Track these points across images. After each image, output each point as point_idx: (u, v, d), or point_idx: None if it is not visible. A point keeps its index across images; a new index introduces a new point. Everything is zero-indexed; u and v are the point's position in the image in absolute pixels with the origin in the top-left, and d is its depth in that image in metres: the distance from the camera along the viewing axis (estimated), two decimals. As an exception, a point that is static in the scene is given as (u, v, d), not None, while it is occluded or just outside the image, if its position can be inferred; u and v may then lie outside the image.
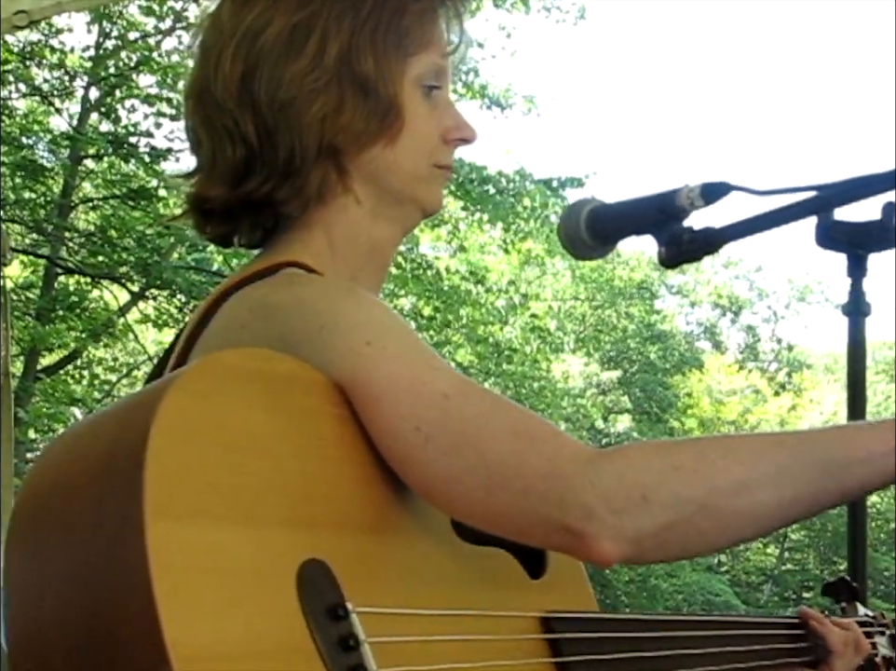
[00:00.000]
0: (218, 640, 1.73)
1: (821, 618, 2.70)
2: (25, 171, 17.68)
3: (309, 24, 2.31)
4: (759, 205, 2.37)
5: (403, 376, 2.12)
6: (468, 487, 2.08)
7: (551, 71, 50.51)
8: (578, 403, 33.03)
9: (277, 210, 2.38)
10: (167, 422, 1.80)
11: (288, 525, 1.96)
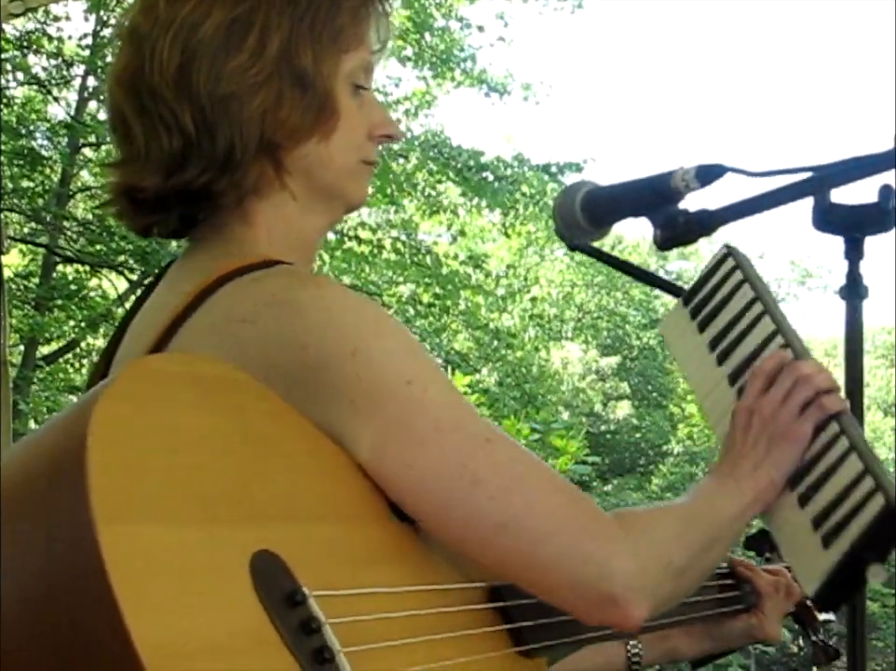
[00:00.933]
0: (184, 638, 1.75)
1: (749, 564, 2.76)
2: (23, 159, 17.74)
3: (248, 19, 2.32)
4: (755, 187, 2.37)
5: (446, 420, 2.17)
6: (512, 537, 2.14)
7: (549, 58, 50.70)
8: (578, 388, 33.17)
9: (211, 201, 2.37)
10: (102, 430, 1.81)
11: (233, 520, 1.99)
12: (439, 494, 2.14)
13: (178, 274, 2.43)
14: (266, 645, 1.89)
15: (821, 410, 2.38)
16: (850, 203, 2.33)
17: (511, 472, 2.16)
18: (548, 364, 30.18)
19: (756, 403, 2.42)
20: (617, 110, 47.03)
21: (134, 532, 1.77)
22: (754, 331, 2.53)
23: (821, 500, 2.36)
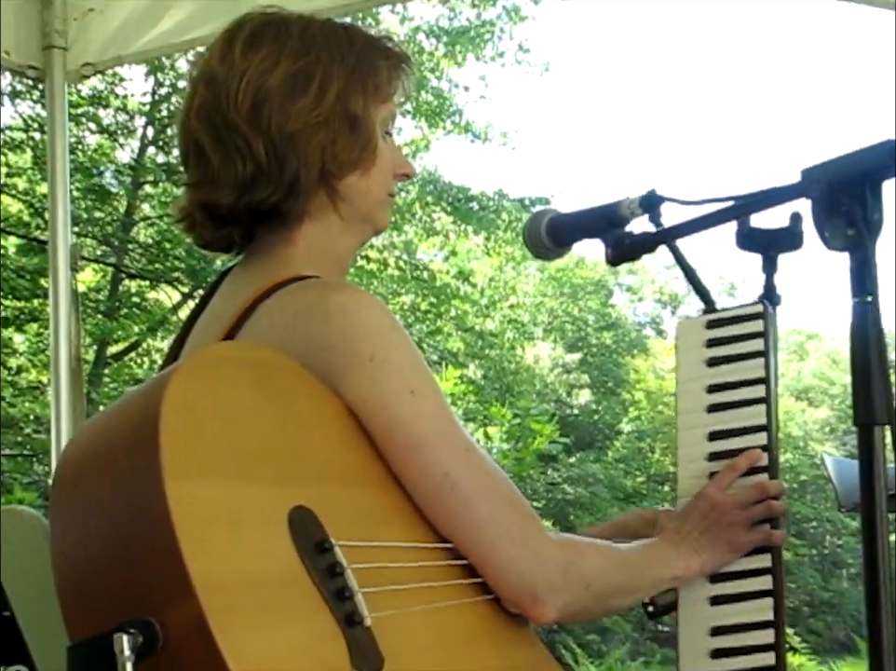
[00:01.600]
0: (230, 573, 1.81)
1: None
2: (95, 195, 17.77)
3: (309, 70, 2.38)
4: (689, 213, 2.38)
5: (437, 431, 2.25)
6: (476, 538, 2.25)
7: (523, 111, 50.76)
8: (547, 380, 33.25)
9: (278, 218, 2.42)
10: (173, 402, 1.88)
11: (278, 480, 2.05)
12: (424, 489, 2.26)
13: (233, 286, 2.48)
14: (298, 583, 1.95)
15: (766, 537, 2.47)
16: (766, 227, 2.33)
17: (483, 482, 2.27)
18: (522, 360, 30.30)
19: (720, 498, 2.47)
20: (577, 153, 46.95)
21: (195, 486, 1.84)
22: (751, 409, 2.54)
23: (729, 616, 2.47)
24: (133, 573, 1.79)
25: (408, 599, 2.14)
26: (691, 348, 2.56)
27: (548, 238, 2.50)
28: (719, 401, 2.55)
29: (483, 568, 2.26)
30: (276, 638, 1.83)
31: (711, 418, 2.54)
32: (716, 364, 2.54)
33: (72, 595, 1.85)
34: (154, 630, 1.71)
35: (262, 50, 2.37)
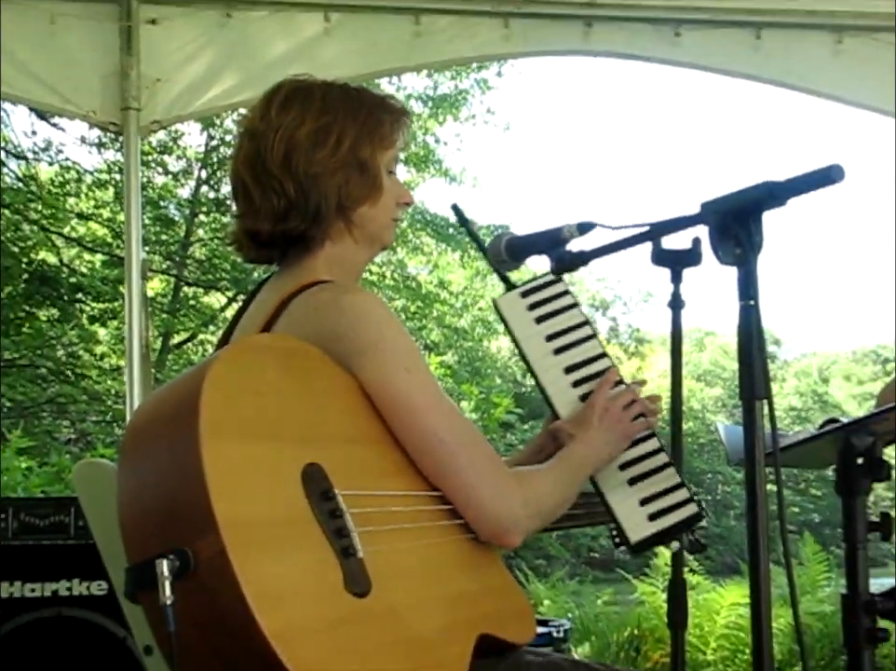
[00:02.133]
0: (250, 513, 1.88)
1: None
2: (161, 222, 17.88)
3: (328, 127, 2.41)
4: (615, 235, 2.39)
5: (428, 399, 2.29)
6: (460, 483, 2.28)
7: (489, 160, 51.35)
8: (506, 365, 33.31)
9: (304, 243, 2.44)
10: (213, 380, 1.94)
11: (294, 441, 2.09)
12: (418, 445, 2.28)
13: (269, 292, 2.47)
14: (305, 524, 1.99)
15: (645, 425, 2.56)
16: (674, 248, 2.35)
17: (464, 439, 2.30)
18: (488, 350, 30.47)
19: (608, 404, 2.52)
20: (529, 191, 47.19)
21: (225, 446, 1.89)
22: (587, 344, 2.63)
23: (649, 488, 2.52)
24: (173, 513, 1.86)
25: (397, 537, 2.16)
26: (518, 314, 2.58)
27: (506, 253, 2.55)
28: (560, 344, 2.59)
29: (465, 508, 2.27)
30: (283, 566, 1.88)
31: (560, 358, 2.59)
32: (543, 321, 2.59)
33: (128, 529, 1.93)
34: (187, 557, 1.79)
35: (292, 111, 2.40)
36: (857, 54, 5.34)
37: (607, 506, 2.54)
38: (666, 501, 2.54)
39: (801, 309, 59.86)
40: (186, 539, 1.81)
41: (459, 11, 5.24)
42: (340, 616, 1.96)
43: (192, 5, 5.03)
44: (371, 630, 2.01)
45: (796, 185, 2.05)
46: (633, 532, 2.52)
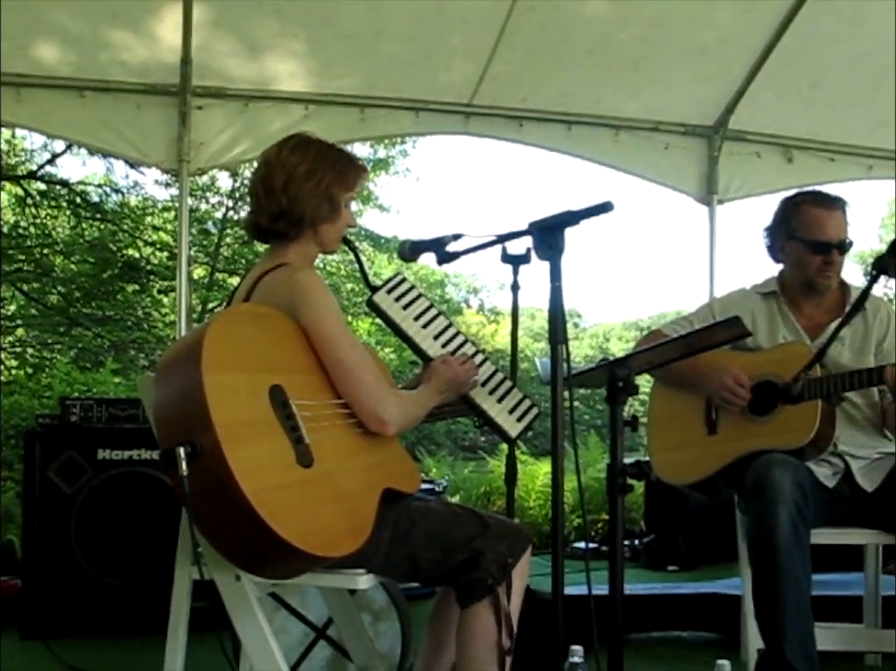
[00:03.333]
0: (235, 418, 1.89)
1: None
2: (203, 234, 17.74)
3: (315, 169, 2.34)
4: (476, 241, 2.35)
5: (339, 337, 2.22)
6: (354, 391, 2.21)
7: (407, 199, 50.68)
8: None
9: (286, 237, 2.38)
10: (210, 334, 1.94)
11: (264, 371, 2.07)
12: (331, 368, 2.22)
13: (257, 269, 2.37)
14: (271, 423, 2.00)
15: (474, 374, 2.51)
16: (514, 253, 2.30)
17: (359, 362, 2.22)
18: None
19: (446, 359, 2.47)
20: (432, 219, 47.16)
21: (217, 375, 1.90)
22: (439, 319, 2.56)
23: (510, 402, 2.53)
24: (186, 418, 1.88)
25: (330, 429, 2.14)
26: (391, 305, 2.50)
27: (409, 252, 2.49)
28: (425, 321, 2.53)
29: (358, 409, 2.21)
30: (256, 450, 1.91)
31: (429, 330, 2.53)
32: (408, 307, 2.52)
33: (159, 426, 1.97)
34: (195, 446, 1.84)
35: (296, 154, 2.36)
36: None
37: (489, 417, 2.51)
38: (522, 408, 2.53)
39: (594, 293, 60.27)
40: (194, 434, 1.84)
41: (388, 106, 5.29)
42: (293, 480, 1.98)
43: (223, 98, 5.07)
44: (314, 488, 2.01)
45: (584, 213, 2.06)
46: (512, 430, 2.52)
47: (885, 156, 5.99)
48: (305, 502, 1.96)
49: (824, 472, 2.99)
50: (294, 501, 1.93)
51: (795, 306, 3.22)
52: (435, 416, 2.81)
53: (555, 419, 2.04)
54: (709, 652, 2.82)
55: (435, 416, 2.81)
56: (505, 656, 2.25)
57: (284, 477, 1.95)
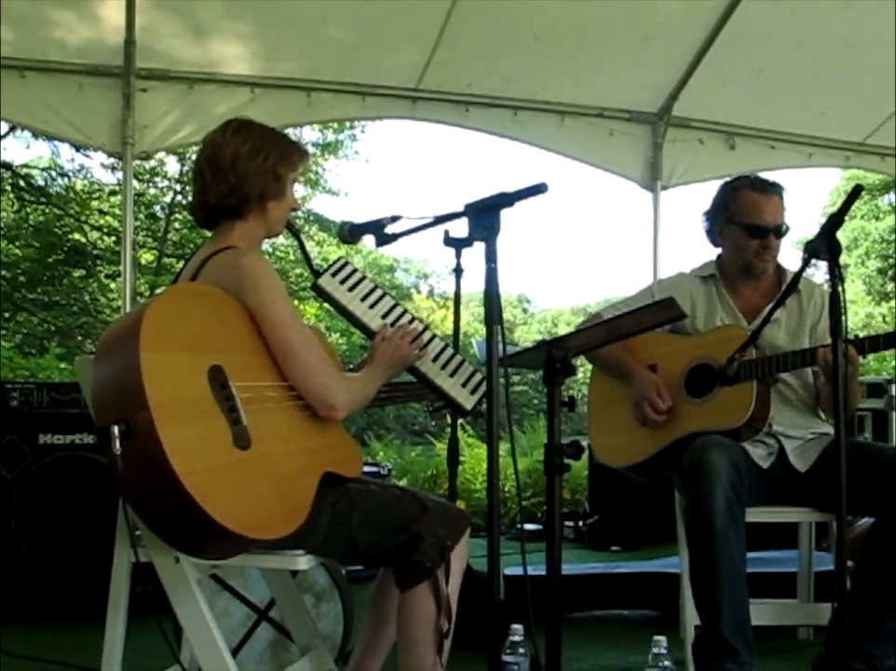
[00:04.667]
0: (171, 396, 1.87)
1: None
2: (152, 218, 17.56)
3: (260, 147, 2.31)
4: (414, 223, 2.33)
5: (286, 320, 2.19)
6: (302, 375, 2.19)
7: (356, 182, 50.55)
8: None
9: (236, 215, 2.35)
10: (149, 313, 1.92)
11: (204, 351, 2.04)
12: (278, 351, 2.20)
13: (203, 250, 2.34)
14: (208, 404, 1.98)
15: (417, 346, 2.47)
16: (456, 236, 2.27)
17: (306, 348, 2.20)
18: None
19: (385, 336, 2.44)
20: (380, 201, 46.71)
21: (155, 354, 1.88)
22: (384, 299, 2.53)
23: (462, 375, 2.48)
24: (121, 396, 1.85)
25: (270, 411, 2.13)
26: (336, 288, 2.46)
27: (348, 234, 2.45)
28: (371, 301, 2.50)
29: (305, 392, 2.20)
30: (190, 431, 1.88)
31: (376, 310, 2.49)
32: (353, 289, 2.48)
33: (95, 404, 1.93)
34: (130, 425, 1.81)
35: (240, 135, 2.34)
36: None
37: (443, 392, 2.49)
38: (474, 382, 2.50)
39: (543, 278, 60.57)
40: (128, 412, 1.82)
41: (334, 90, 5.26)
42: (229, 462, 1.95)
43: (167, 80, 5.01)
44: (250, 470, 2.00)
45: (519, 195, 2.05)
46: (466, 402, 2.48)
47: (824, 144, 6.10)
48: (239, 484, 1.94)
49: (759, 453, 3.03)
50: (228, 483, 1.91)
51: (733, 289, 3.26)
52: (392, 399, 2.82)
53: (490, 400, 2.04)
54: (648, 630, 2.83)
55: (392, 399, 2.82)
56: (443, 638, 2.25)
57: (219, 458, 1.93)
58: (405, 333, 2.46)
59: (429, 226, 2.24)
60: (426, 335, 2.53)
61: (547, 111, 5.57)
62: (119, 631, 2.32)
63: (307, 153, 2.52)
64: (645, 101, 5.71)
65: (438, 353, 2.53)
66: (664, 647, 2.73)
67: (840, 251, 2.36)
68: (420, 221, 2.26)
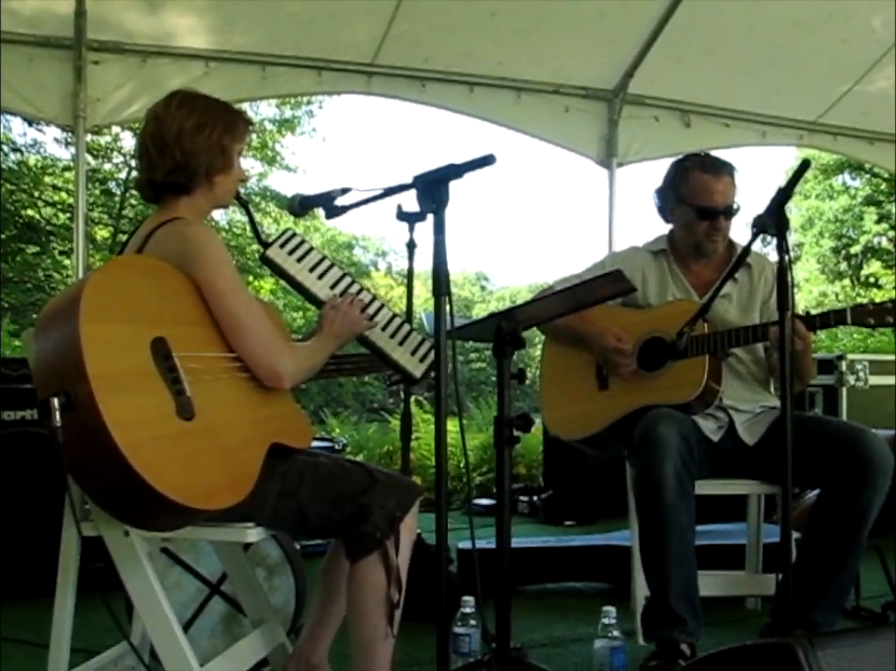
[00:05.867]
0: (113, 368, 1.85)
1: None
2: (107, 195, 17.26)
3: (206, 122, 2.27)
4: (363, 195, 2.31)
5: (231, 291, 2.17)
6: (247, 345, 2.17)
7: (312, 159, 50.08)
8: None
9: (182, 190, 2.32)
10: (90, 285, 1.90)
11: (147, 323, 2.02)
12: (223, 321, 2.17)
13: (148, 223, 2.30)
14: (151, 375, 1.96)
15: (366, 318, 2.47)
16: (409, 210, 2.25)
17: (252, 318, 2.17)
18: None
19: (334, 305, 2.42)
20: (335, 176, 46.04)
21: (96, 326, 1.86)
22: (333, 269, 2.50)
23: (411, 344, 2.46)
24: (61, 369, 1.83)
25: (215, 383, 2.10)
26: (285, 259, 2.43)
27: (298, 207, 2.41)
28: (320, 272, 2.46)
29: (253, 364, 2.17)
30: (132, 402, 1.86)
31: (325, 280, 2.46)
32: (301, 260, 2.45)
33: (37, 379, 1.91)
34: (70, 397, 1.79)
35: (185, 108, 2.29)
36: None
37: (393, 360, 2.47)
38: (423, 350, 2.49)
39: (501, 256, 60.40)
40: (68, 384, 1.80)
41: (290, 65, 5.20)
42: (172, 433, 1.93)
43: (121, 53, 4.90)
44: (195, 440, 1.98)
45: (467, 166, 2.04)
46: (416, 370, 2.47)
47: (778, 123, 6.14)
48: (182, 454, 1.92)
49: (709, 426, 3.06)
50: (171, 453, 1.89)
51: (684, 264, 3.27)
52: (340, 371, 2.79)
53: (438, 371, 2.03)
54: (600, 602, 2.88)
55: (340, 371, 2.79)
56: (394, 609, 2.25)
57: (161, 429, 1.91)
58: (353, 301, 2.44)
59: (379, 198, 2.22)
60: (374, 304, 2.51)
61: (503, 87, 5.55)
62: (68, 607, 2.29)
63: (252, 122, 2.47)
64: (602, 78, 5.71)
65: (387, 322, 2.52)
66: (613, 617, 2.77)
67: (788, 225, 2.38)
68: (370, 193, 2.23)
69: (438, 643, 2.04)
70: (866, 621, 3.38)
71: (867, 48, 5.54)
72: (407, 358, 2.49)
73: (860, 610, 3.42)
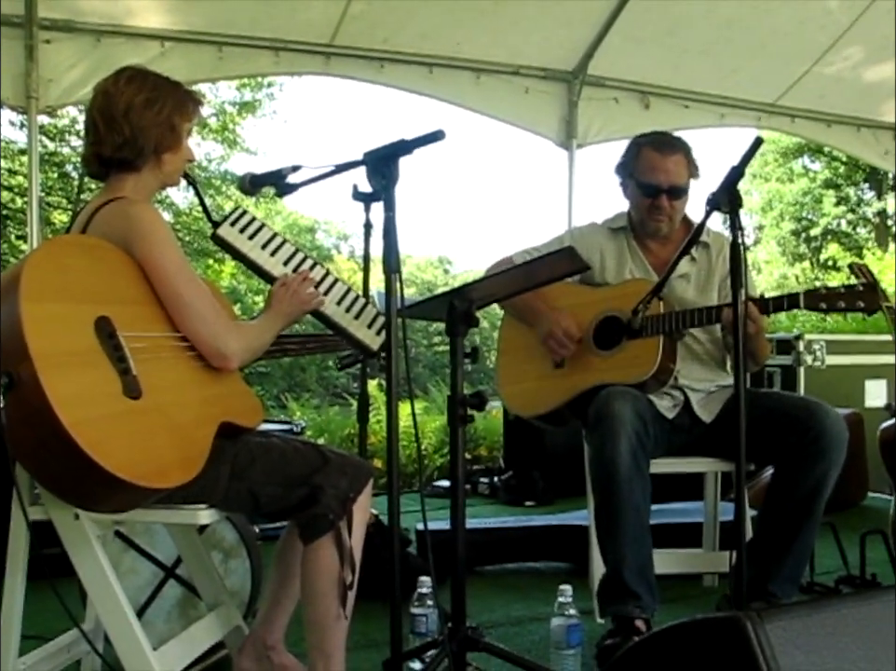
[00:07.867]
0: (55, 347, 1.83)
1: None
2: (64, 178, 17.05)
3: (156, 98, 2.24)
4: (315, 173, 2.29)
5: (175, 270, 2.13)
6: (192, 325, 2.14)
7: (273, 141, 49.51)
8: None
9: (129, 166, 2.28)
10: (30, 264, 1.88)
11: (90, 302, 1.98)
12: (168, 301, 2.14)
13: (93, 201, 2.27)
14: (96, 354, 1.93)
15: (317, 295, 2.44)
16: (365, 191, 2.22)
17: (196, 297, 2.15)
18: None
19: (285, 283, 2.41)
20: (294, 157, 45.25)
21: (37, 305, 1.83)
22: (286, 245, 2.47)
23: (367, 318, 2.45)
24: (4, 349, 1.80)
25: (161, 361, 2.08)
26: (236, 237, 2.40)
27: (249, 185, 2.38)
28: (272, 249, 2.44)
29: (198, 343, 2.15)
30: (76, 381, 1.84)
31: (277, 257, 2.44)
32: (253, 237, 2.42)
33: None
34: (12, 377, 1.76)
35: (134, 84, 2.26)
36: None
37: (349, 334, 2.45)
38: (379, 323, 2.47)
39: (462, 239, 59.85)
40: (11, 364, 1.77)
41: (247, 45, 5.13)
42: (119, 411, 1.91)
43: (73, 32, 4.82)
44: (141, 419, 1.95)
45: (417, 142, 2.03)
46: (373, 343, 2.45)
47: (736, 104, 6.17)
48: (130, 433, 1.89)
49: (665, 404, 3.07)
50: (118, 432, 1.86)
51: (643, 243, 3.27)
52: (285, 352, 2.76)
53: (390, 348, 2.01)
54: (559, 581, 2.87)
55: (285, 352, 2.76)
56: (347, 590, 2.24)
57: (107, 408, 1.87)
58: (304, 278, 2.42)
59: (329, 175, 2.19)
60: (328, 279, 2.49)
61: (462, 68, 5.54)
62: (18, 594, 2.24)
63: (201, 101, 2.43)
64: (561, 59, 5.71)
65: (341, 297, 2.49)
66: (569, 596, 2.77)
67: (741, 203, 2.38)
68: (321, 170, 2.21)
69: (391, 623, 2.03)
70: (820, 595, 3.40)
71: (825, 30, 5.58)
72: (364, 331, 2.47)
73: (813, 586, 3.45)
